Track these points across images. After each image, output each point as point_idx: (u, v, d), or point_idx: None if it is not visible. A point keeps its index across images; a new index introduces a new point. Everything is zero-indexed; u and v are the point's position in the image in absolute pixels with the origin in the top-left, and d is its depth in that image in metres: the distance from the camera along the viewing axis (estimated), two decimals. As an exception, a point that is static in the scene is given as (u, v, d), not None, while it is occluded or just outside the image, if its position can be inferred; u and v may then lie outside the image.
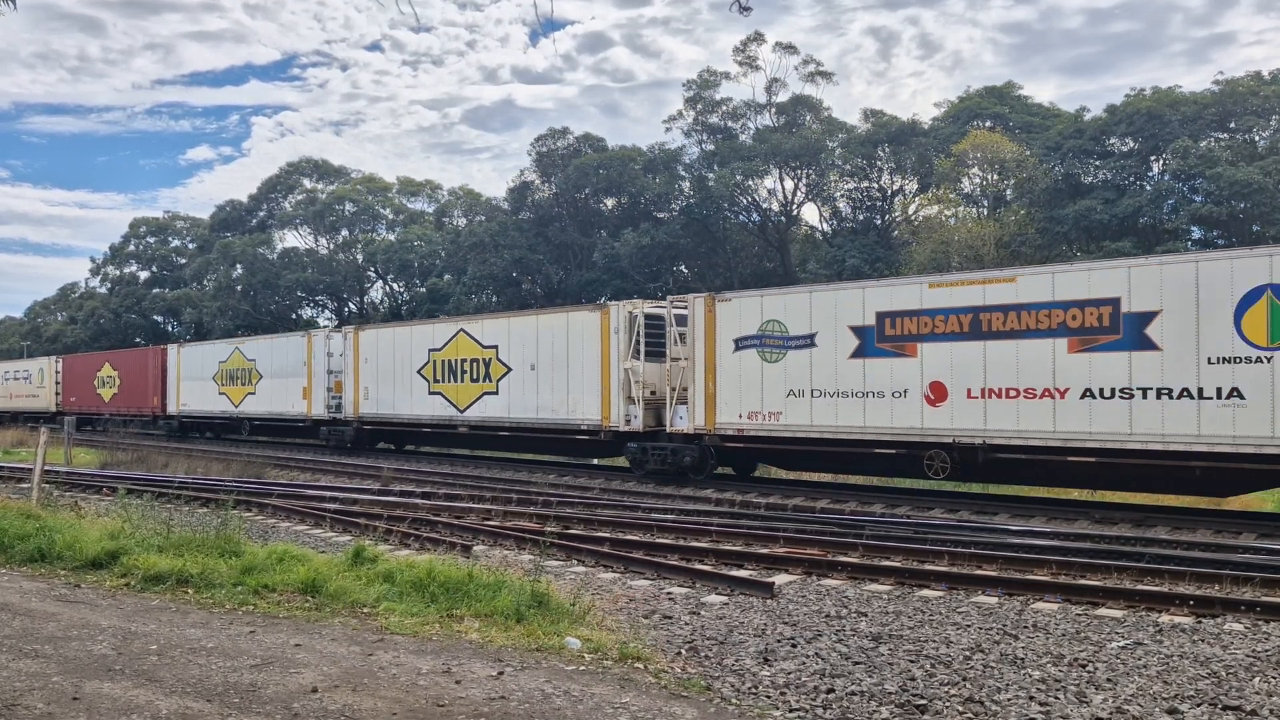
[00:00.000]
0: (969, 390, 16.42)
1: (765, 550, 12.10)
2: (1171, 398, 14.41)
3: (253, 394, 34.27)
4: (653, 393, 21.35)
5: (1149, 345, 14.65)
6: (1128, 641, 8.09)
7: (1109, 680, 7.00)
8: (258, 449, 32.62)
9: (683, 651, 7.71)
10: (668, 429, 20.72)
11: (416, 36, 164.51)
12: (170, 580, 9.57)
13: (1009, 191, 41.97)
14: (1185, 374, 14.33)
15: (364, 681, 6.54)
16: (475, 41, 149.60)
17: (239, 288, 65.10)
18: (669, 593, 10.00)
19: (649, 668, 7.05)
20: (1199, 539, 13.16)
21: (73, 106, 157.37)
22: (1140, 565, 10.71)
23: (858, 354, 17.70)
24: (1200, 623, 8.75)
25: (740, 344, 19.36)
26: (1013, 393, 16.03)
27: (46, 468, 16.76)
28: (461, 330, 25.99)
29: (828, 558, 11.41)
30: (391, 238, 64.46)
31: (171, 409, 39.19)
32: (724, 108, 50.84)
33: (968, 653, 7.71)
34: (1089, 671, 7.22)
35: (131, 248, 79.07)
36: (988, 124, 45.12)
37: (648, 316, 21.58)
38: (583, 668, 6.97)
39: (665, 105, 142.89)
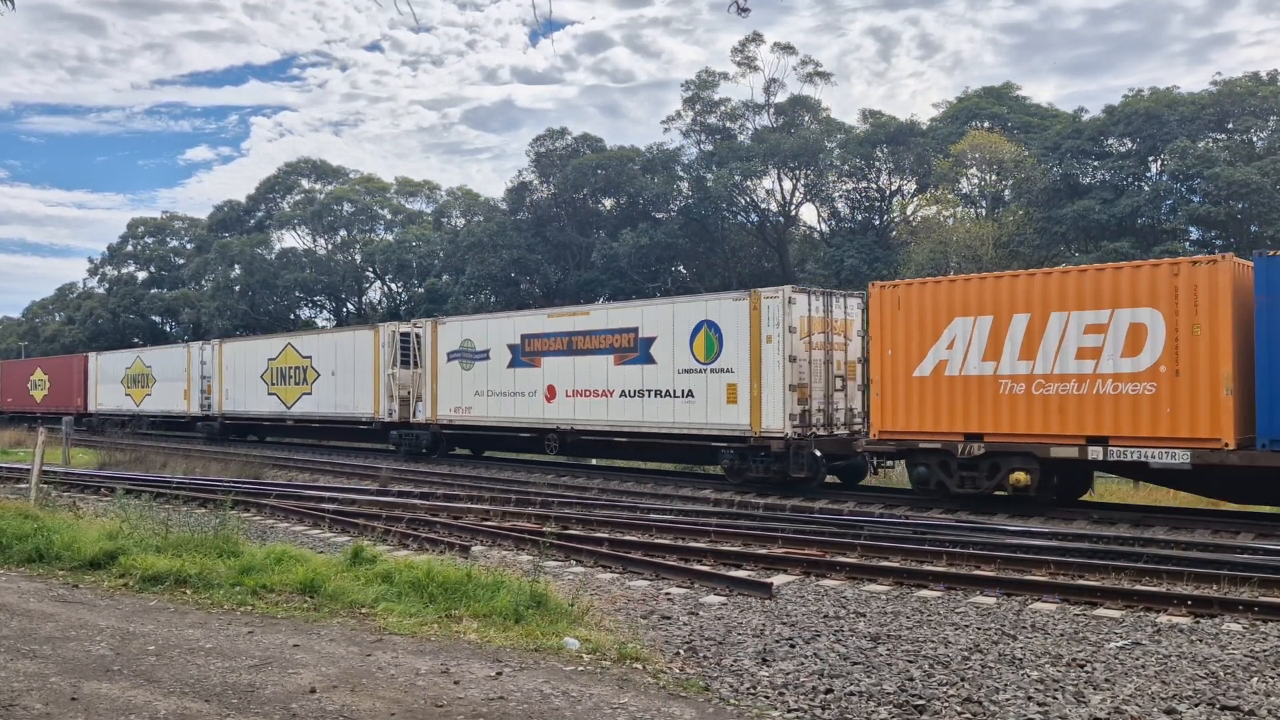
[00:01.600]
0: (567, 391, 23.31)
1: (763, 550, 12.10)
2: (663, 396, 21.37)
3: (150, 395, 41.21)
4: (408, 393, 28.02)
5: (652, 360, 21.62)
6: (1126, 642, 8.09)
7: (1107, 680, 7.01)
8: (246, 448, 33.02)
9: (681, 652, 7.71)
10: (412, 420, 27.78)
11: (416, 37, 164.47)
12: (168, 580, 9.56)
13: (1007, 192, 42.01)
14: (670, 380, 21.30)
15: (362, 682, 6.54)
16: (475, 42, 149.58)
17: (237, 288, 65.09)
18: (667, 593, 9.99)
19: (647, 668, 7.05)
20: (1197, 539, 13.18)
21: (72, 107, 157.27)
22: (1138, 565, 10.72)
23: (511, 365, 24.79)
24: (1198, 623, 8.76)
25: (450, 356, 26.59)
26: (588, 393, 22.97)
27: (44, 468, 16.75)
28: (289, 344, 33.27)
29: (826, 558, 11.41)
30: (390, 238, 64.45)
31: (92, 408, 45.53)
32: (722, 108, 50.86)
33: (966, 653, 7.71)
34: (1087, 672, 7.22)
35: (129, 248, 79.03)
36: (986, 124, 45.14)
37: (403, 335, 28.17)
38: (581, 668, 6.97)
39: (665, 106, 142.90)
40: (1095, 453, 14.95)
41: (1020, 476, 15.60)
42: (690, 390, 20.75)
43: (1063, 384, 15.35)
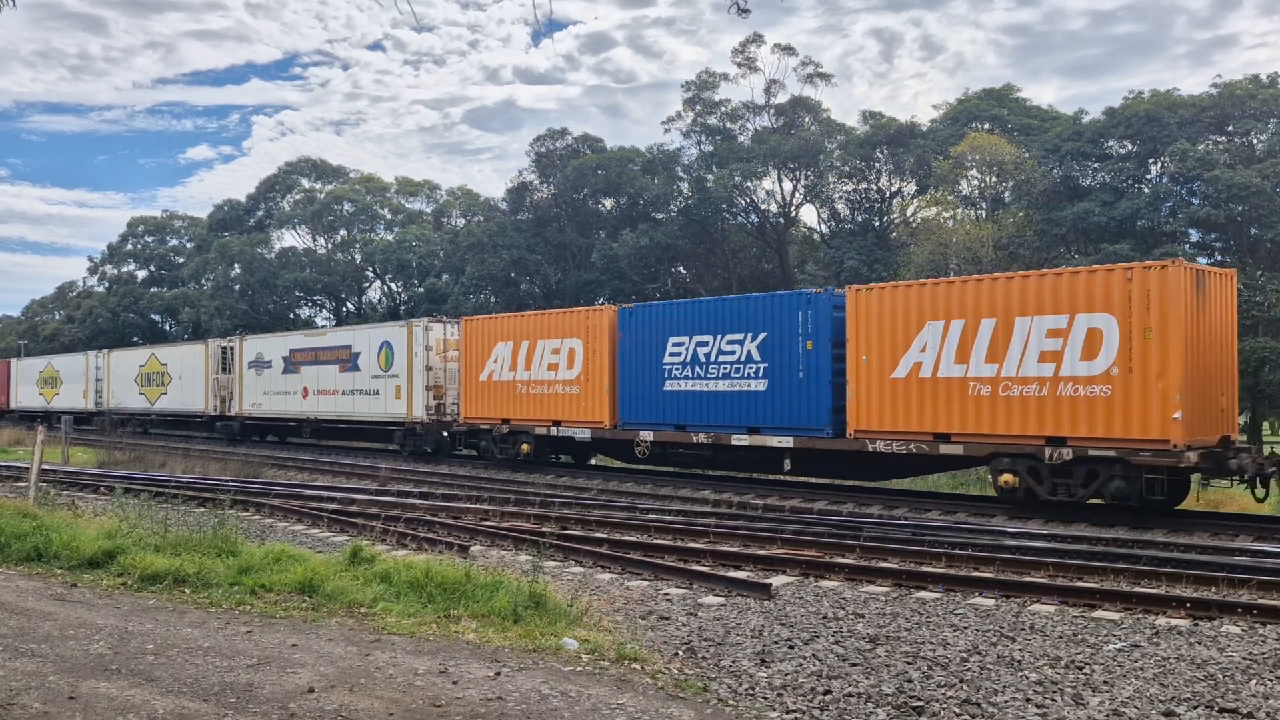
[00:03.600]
0: (314, 391, 31.93)
1: (763, 551, 12.10)
2: (364, 394, 29.76)
3: (58, 394, 49.62)
4: (227, 393, 36.80)
5: (359, 369, 29.92)
6: (1125, 644, 8.09)
7: (1106, 682, 7.01)
8: (254, 448, 33.15)
9: (680, 652, 7.70)
10: (227, 414, 36.66)
11: (418, 36, 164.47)
12: (167, 580, 9.56)
13: (1007, 194, 41.98)
14: (367, 383, 29.57)
15: (361, 681, 6.54)
16: (477, 41, 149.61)
17: (237, 287, 65.04)
18: (666, 593, 9.99)
19: (646, 668, 7.05)
20: (1196, 541, 13.18)
21: (73, 105, 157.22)
22: (1137, 567, 10.72)
23: (284, 371, 33.32)
24: (1197, 625, 8.76)
25: (249, 365, 35.41)
26: (325, 392, 31.51)
27: (43, 466, 16.74)
28: (153, 354, 42.68)
29: (825, 559, 11.41)
30: (390, 238, 64.37)
31: (14, 405, 54.66)
32: (723, 109, 50.78)
33: (965, 654, 7.71)
34: (1086, 673, 7.22)
35: (129, 247, 78.92)
36: (986, 126, 45.12)
37: (224, 348, 37.37)
38: (580, 668, 6.97)
39: (667, 106, 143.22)
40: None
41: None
42: (377, 390, 29.23)
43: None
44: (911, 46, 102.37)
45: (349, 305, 66.22)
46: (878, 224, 48.21)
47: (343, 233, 65.32)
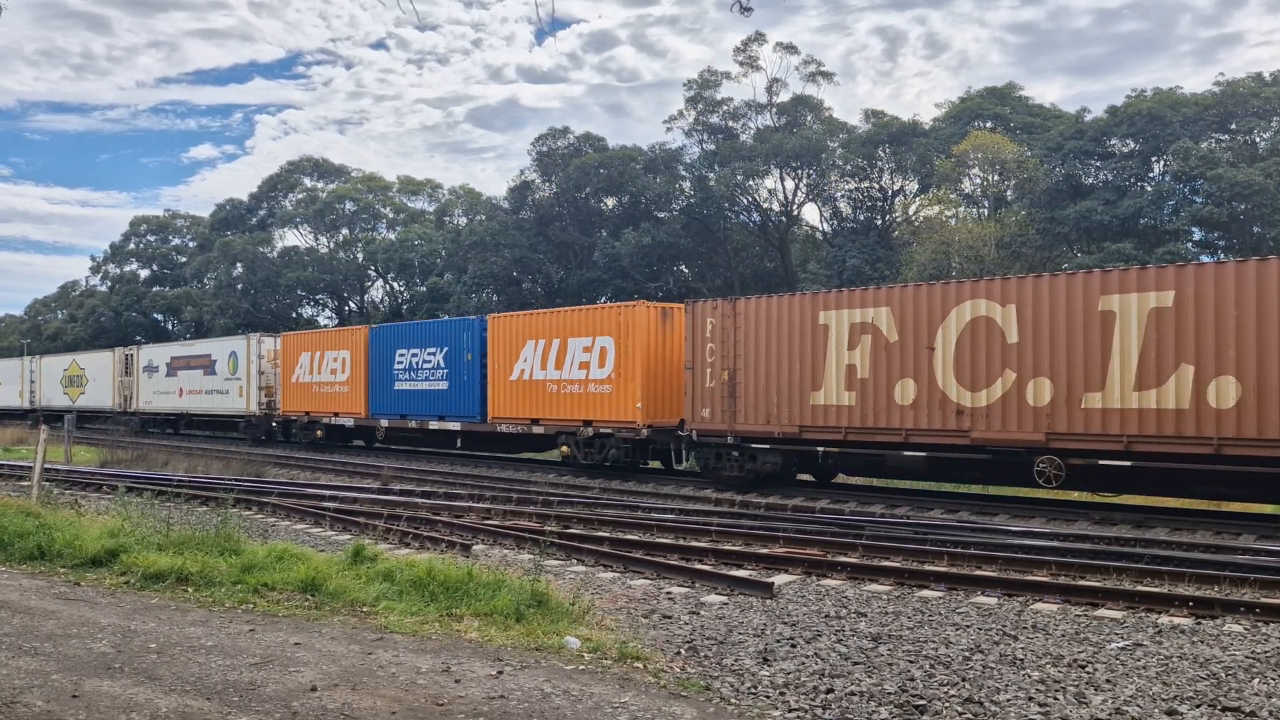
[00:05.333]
0: (187, 391, 38.79)
1: (765, 550, 12.10)
2: (219, 394, 36.40)
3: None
4: (130, 392, 43.26)
5: (215, 373, 36.72)
6: (1127, 642, 8.09)
7: (1108, 681, 7.01)
8: (256, 448, 33.20)
9: (682, 651, 7.71)
10: (129, 410, 43.16)
11: (422, 35, 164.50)
12: (170, 578, 9.57)
13: (1010, 192, 41.94)
14: (221, 385, 36.13)
15: (363, 680, 6.54)
16: (481, 40, 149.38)
17: (239, 286, 65.10)
18: (669, 592, 10.00)
19: (648, 667, 7.05)
20: (1198, 540, 13.16)
21: (76, 104, 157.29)
22: (1140, 566, 10.72)
23: (167, 375, 40.32)
24: (1200, 624, 8.76)
25: (144, 369, 42.18)
26: (195, 391, 38.38)
27: (46, 465, 16.77)
28: (74, 360, 49.54)
29: (827, 558, 11.41)
30: (392, 237, 64.41)
31: None
32: (725, 108, 50.78)
33: (967, 653, 7.71)
34: (1088, 672, 7.22)
35: (132, 246, 79.01)
36: (988, 125, 45.10)
37: (126, 355, 44.31)
38: (582, 667, 6.98)
39: (670, 105, 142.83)
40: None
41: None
42: (228, 390, 36.15)
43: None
44: (915, 45, 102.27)
45: (351, 304, 66.26)
46: (880, 223, 48.17)
47: (345, 232, 65.35)
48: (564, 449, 22.84)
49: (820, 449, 18.10)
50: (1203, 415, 13.97)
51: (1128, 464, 14.82)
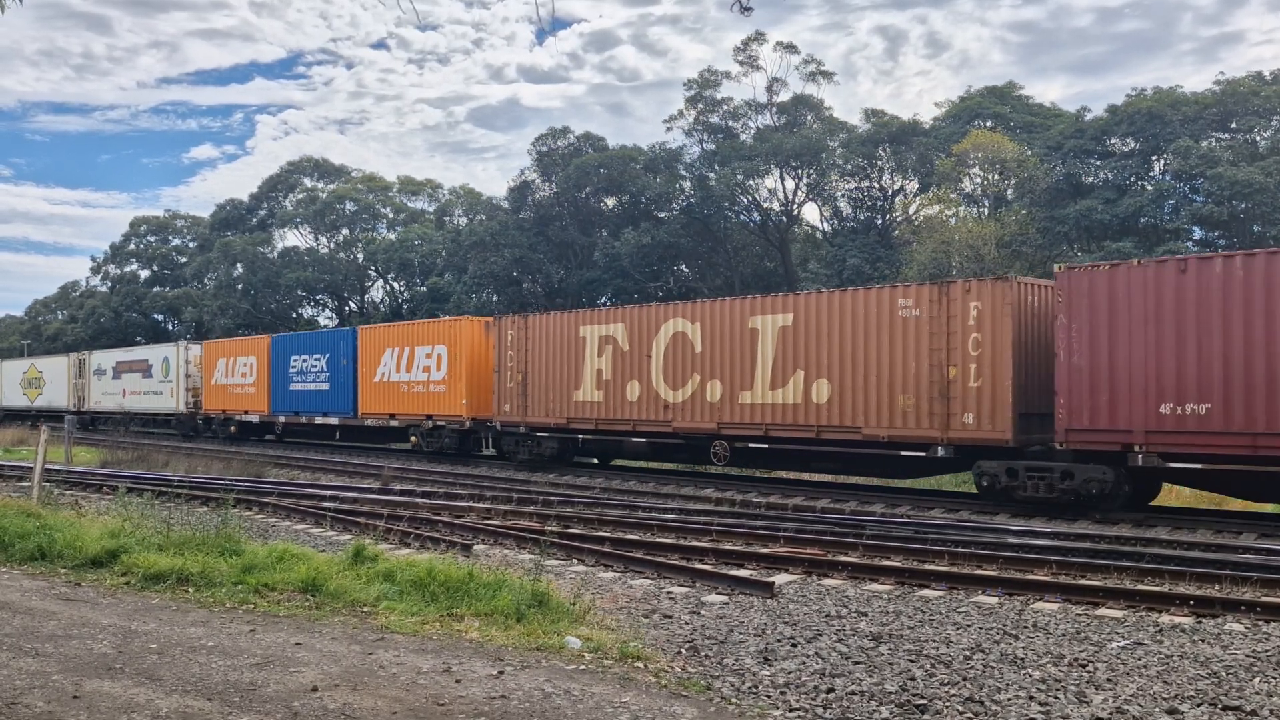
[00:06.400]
0: (131, 391, 42.76)
1: (765, 550, 12.10)
2: (155, 395, 41.09)
3: None
4: (84, 392, 46.93)
5: (152, 376, 41.23)
6: (1128, 641, 8.09)
7: (1109, 680, 7.01)
8: (256, 448, 33.28)
9: (683, 651, 7.71)
10: (82, 409, 46.15)
11: (423, 35, 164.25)
12: (170, 579, 9.57)
13: (1010, 191, 41.91)
14: (158, 386, 40.88)
15: (364, 680, 6.55)
16: (481, 40, 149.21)
17: (239, 287, 65.08)
18: (669, 592, 10.00)
19: (649, 667, 7.06)
20: (1199, 539, 13.17)
21: (77, 105, 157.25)
22: (1140, 565, 10.72)
23: (113, 377, 44.51)
24: (1200, 623, 8.76)
25: (94, 372, 46.22)
26: (136, 392, 42.29)
27: (47, 466, 16.77)
28: (33, 363, 54.38)
29: (828, 557, 11.41)
30: (392, 237, 64.39)
31: None
32: (725, 107, 50.74)
33: (968, 652, 7.71)
34: (1089, 671, 7.22)
35: (132, 246, 78.93)
36: (989, 124, 45.06)
37: (80, 359, 47.87)
38: (583, 667, 6.98)
39: (672, 104, 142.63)
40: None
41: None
42: (162, 391, 40.59)
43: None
44: (916, 44, 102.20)
45: (351, 304, 66.26)
46: (880, 222, 48.15)
47: (345, 232, 65.32)
48: (413, 439, 27.68)
49: (580, 436, 23.01)
50: (809, 408, 18.40)
51: (765, 446, 19.36)
